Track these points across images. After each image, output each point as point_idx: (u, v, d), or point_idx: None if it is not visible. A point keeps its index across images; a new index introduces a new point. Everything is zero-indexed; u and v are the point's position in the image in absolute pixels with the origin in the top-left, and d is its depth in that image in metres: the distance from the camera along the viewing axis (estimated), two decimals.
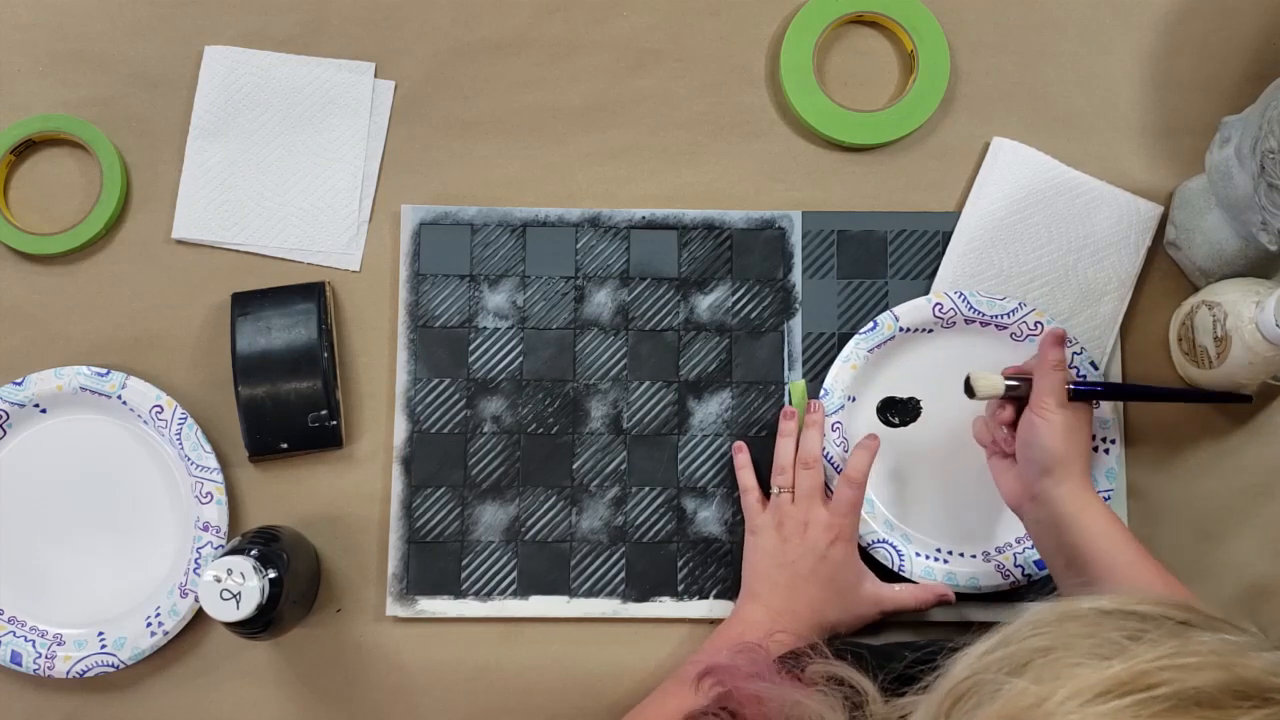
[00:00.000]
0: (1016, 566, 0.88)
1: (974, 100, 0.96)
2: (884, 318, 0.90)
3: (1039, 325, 0.89)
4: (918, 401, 0.91)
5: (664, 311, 0.93)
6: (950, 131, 0.96)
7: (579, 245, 0.94)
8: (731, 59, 0.97)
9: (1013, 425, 0.83)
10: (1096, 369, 0.90)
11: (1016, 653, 0.47)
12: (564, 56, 0.96)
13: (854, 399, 0.91)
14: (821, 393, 0.90)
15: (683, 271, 0.94)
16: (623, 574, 0.91)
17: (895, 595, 0.87)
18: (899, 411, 0.91)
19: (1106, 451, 0.89)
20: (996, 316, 0.90)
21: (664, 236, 0.94)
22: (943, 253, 0.93)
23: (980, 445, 0.86)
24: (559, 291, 0.93)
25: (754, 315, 0.93)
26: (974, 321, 0.90)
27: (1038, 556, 0.88)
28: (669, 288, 0.93)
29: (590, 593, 0.90)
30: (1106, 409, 0.89)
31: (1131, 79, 0.96)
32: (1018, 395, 0.82)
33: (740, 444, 0.90)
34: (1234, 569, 0.91)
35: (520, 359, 0.93)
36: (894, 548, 0.88)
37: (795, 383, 0.92)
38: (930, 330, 0.91)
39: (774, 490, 0.88)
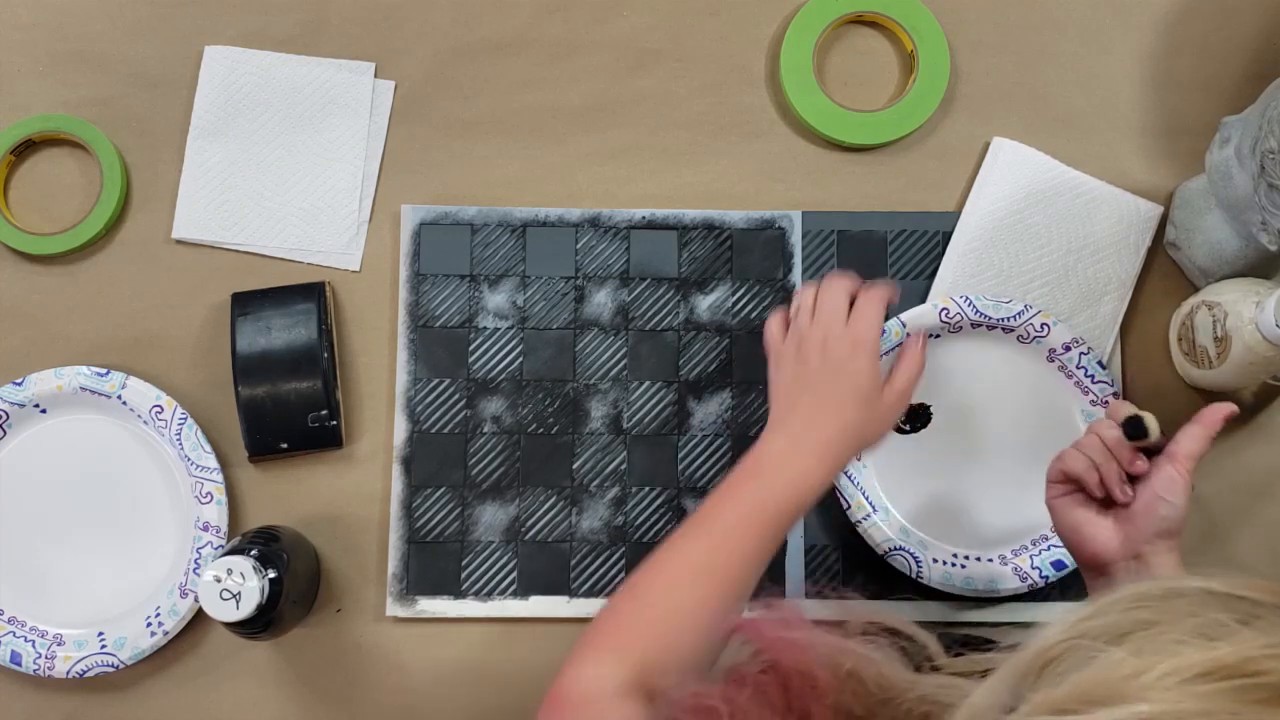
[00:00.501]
0: (1034, 568, 0.88)
1: (974, 100, 0.96)
2: (891, 325, 0.90)
3: (1045, 327, 0.89)
4: (928, 407, 0.91)
5: (664, 311, 0.93)
6: (950, 131, 0.96)
7: (579, 245, 0.94)
8: (731, 59, 0.97)
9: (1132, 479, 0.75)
10: (1104, 368, 0.90)
11: (1117, 623, 0.45)
12: (564, 56, 0.96)
13: None
14: None
15: (683, 271, 0.94)
16: (623, 574, 0.91)
17: (904, 374, 0.82)
18: (911, 418, 0.91)
19: None
20: (1003, 319, 0.90)
21: (664, 236, 0.94)
22: (943, 253, 0.93)
23: (1064, 479, 0.76)
24: (559, 291, 0.93)
25: (754, 315, 0.93)
26: (980, 325, 0.90)
27: (1055, 558, 0.88)
28: (669, 288, 0.93)
29: (590, 593, 0.90)
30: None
31: (1131, 79, 0.96)
32: (1157, 446, 0.74)
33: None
34: (1234, 569, 0.91)
35: (520, 359, 0.93)
36: (911, 554, 0.88)
37: None
38: (937, 335, 0.91)
39: (792, 312, 0.83)
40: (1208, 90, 0.96)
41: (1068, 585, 0.90)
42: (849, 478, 0.89)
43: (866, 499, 0.89)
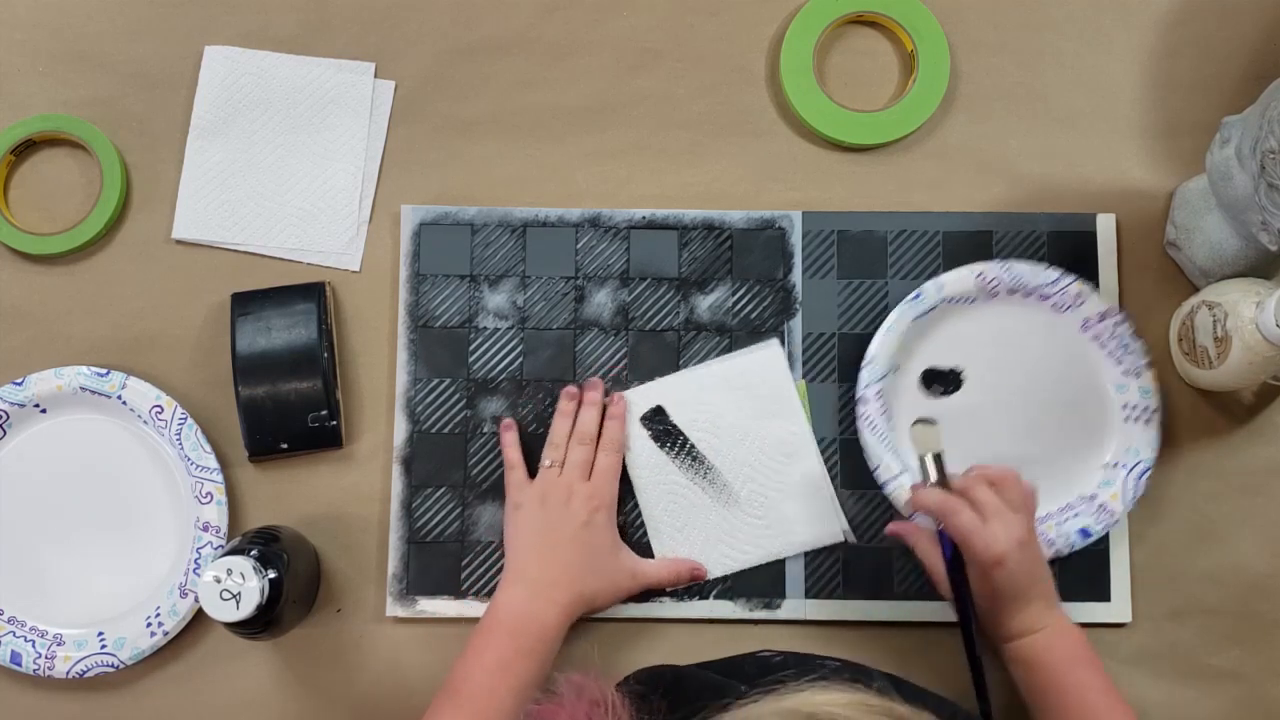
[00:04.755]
0: (1059, 535, 0.88)
1: (974, 100, 0.96)
2: (928, 286, 0.90)
3: (1081, 296, 0.90)
4: (959, 372, 0.91)
5: (664, 312, 0.93)
6: (950, 131, 0.96)
7: (579, 245, 0.94)
8: (731, 59, 0.96)
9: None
10: (1137, 339, 0.90)
11: None
12: (564, 56, 0.96)
13: (897, 368, 0.91)
14: (865, 360, 0.90)
15: (683, 271, 0.94)
16: None
17: (647, 569, 0.88)
18: (941, 382, 0.91)
19: (1148, 422, 0.89)
20: (1040, 287, 0.90)
21: (664, 236, 0.94)
22: (943, 252, 0.93)
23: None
24: (559, 292, 0.93)
25: (754, 315, 0.93)
26: (1017, 292, 0.91)
27: (1080, 525, 0.88)
28: (669, 288, 0.93)
29: None
30: (1148, 379, 0.89)
31: (1131, 79, 0.96)
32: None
33: (509, 421, 0.91)
34: (1234, 569, 0.91)
35: (520, 359, 0.93)
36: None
37: (796, 383, 0.92)
38: (973, 300, 0.91)
39: (544, 464, 0.89)
40: (1208, 90, 0.96)
41: (1071, 587, 0.90)
42: (879, 438, 0.89)
43: (896, 459, 0.89)
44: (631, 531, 0.91)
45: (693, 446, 0.90)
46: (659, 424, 0.90)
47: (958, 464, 0.84)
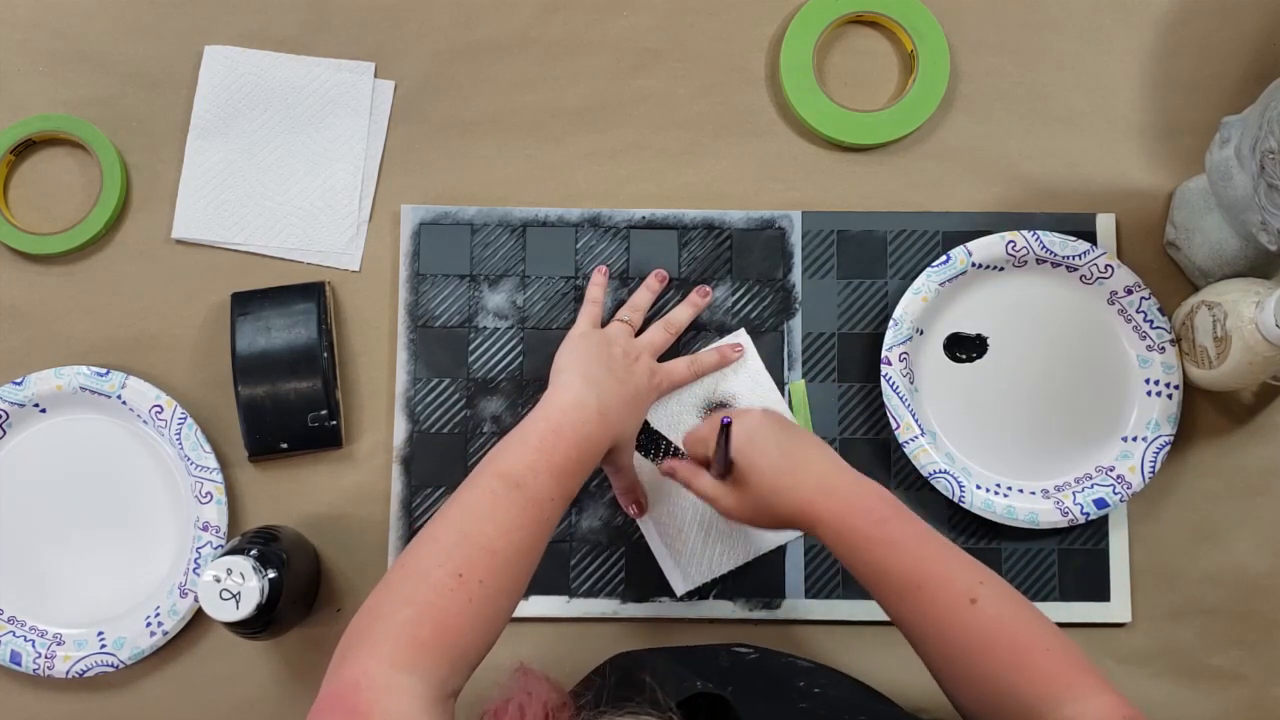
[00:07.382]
0: (1076, 504, 0.89)
1: (974, 100, 0.96)
2: (956, 252, 0.91)
3: (1109, 269, 0.90)
4: (984, 338, 0.92)
5: (664, 311, 0.93)
6: (950, 131, 0.96)
7: (579, 245, 0.94)
8: (731, 59, 0.97)
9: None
10: (1164, 315, 0.90)
11: None
12: (564, 56, 0.96)
13: (922, 332, 0.91)
14: (891, 323, 0.90)
15: (683, 271, 0.94)
16: (622, 574, 0.91)
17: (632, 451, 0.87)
18: (966, 347, 0.92)
19: (1170, 398, 0.90)
20: (1069, 258, 0.90)
21: (664, 236, 0.94)
22: (943, 253, 0.93)
23: None
24: (559, 291, 0.93)
25: (754, 315, 0.93)
26: (1045, 261, 0.91)
27: (1097, 496, 0.89)
28: (669, 288, 0.93)
29: (590, 593, 0.90)
30: (1172, 354, 0.90)
31: (1131, 79, 0.96)
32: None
33: (603, 268, 0.92)
34: (1234, 569, 0.91)
35: (520, 359, 0.93)
36: (955, 479, 0.89)
37: (795, 383, 0.92)
38: (1001, 268, 0.91)
39: (621, 316, 0.90)
40: (1208, 90, 0.96)
41: (1071, 587, 0.90)
42: (900, 399, 0.89)
43: (916, 421, 0.89)
44: (630, 531, 0.91)
45: (676, 450, 0.90)
46: (641, 433, 0.89)
47: (973, 429, 0.90)
